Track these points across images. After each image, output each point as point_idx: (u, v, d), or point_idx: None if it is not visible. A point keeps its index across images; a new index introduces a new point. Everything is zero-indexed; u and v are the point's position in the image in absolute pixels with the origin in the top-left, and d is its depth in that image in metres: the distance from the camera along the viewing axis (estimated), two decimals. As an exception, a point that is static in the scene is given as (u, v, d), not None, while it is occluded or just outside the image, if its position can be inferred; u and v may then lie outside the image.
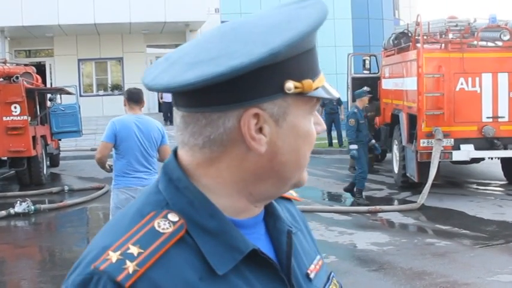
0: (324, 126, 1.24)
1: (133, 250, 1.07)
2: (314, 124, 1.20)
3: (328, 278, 1.35)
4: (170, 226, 1.11)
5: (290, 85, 1.10)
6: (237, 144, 1.12)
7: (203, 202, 1.14)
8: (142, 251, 1.07)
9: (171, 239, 1.09)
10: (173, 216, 1.12)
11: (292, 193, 1.39)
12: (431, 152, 12.14)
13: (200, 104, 1.11)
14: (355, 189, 12.28)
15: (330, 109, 20.89)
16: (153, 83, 1.12)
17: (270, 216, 1.26)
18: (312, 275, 1.28)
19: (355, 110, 12.37)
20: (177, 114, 1.17)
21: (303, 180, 1.22)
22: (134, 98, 7.03)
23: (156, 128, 6.95)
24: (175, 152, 1.21)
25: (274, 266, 1.17)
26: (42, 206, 12.13)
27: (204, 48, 1.11)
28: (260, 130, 1.12)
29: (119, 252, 1.07)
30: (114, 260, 1.06)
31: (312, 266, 1.30)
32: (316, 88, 1.14)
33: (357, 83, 16.95)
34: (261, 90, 1.10)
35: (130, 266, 1.05)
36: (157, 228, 1.10)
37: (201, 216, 1.13)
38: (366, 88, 16.08)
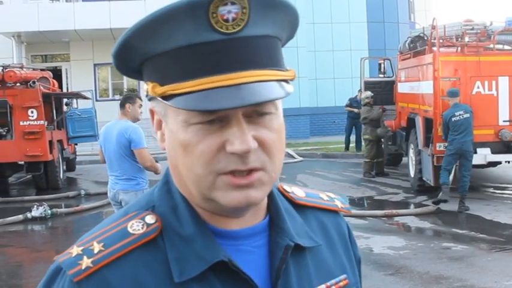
0: (236, 147, 1.02)
1: (95, 247, 1.07)
2: (226, 141, 1.04)
3: None
4: (142, 228, 1.09)
5: (145, 86, 1.10)
6: None
7: (185, 207, 1.12)
8: (103, 249, 1.07)
9: (139, 240, 1.08)
10: (151, 218, 1.11)
11: (337, 204, 1.32)
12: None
13: None
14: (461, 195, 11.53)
15: (354, 113, 20.57)
16: None
17: (273, 228, 1.17)
18: None
19: None
20: None
21: (218, 200, 1.07)
22: (120, 104, 7.41)
23: (121, 133, 7.07)
24: None
25: (248, 280, 1.09)
26: (59, 210, 12.21)
27: None
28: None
29: (81, 248, 1.08)
30: (74, 254, 1.07)
31: (323, 286, 1.19)
32: (174, 94, 1.03)
33: (371, 87, 16.93)
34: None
35: (85, 262, 1.05)
36: (128, 228, 1.09)
37: (179, 221, 1.10)
38: (369, 93, 16.09)
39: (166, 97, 1.04)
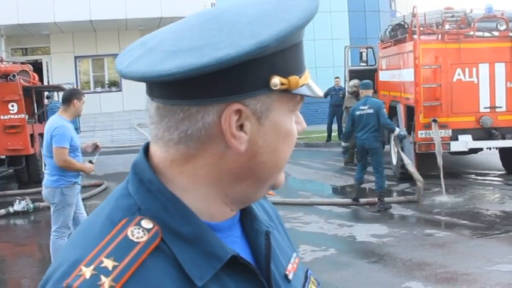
0: (305, 125, 1.17)
1: (108, 263, 0.98)
2: (295, 123, 1.13)
3: (306, 277, 1.29)
4: (144, 234, 1.02)
5: (276, 81, 1.02)
6: (215, 140, 1.04)
7: (177, 206, 1.06)
8: (117, 264, 0.98)
9: (147, 248, 1.00)
10: (147, 223, 1.03)
11: None
12: (429, 143, 12.18)
13: (178, 96, 1.03)
14: (378, 193, 11.15)
15: (335, 101, 20.66)
16: (128, 70, 1.03)
17: (246, 216, 1.19)
18: (290, 276, 1.22)
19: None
20: (151, 105, 1.08)
21: (279, 182, 1.15)
22: (64, 99, 7.24)
23: (47, 129, 7.05)
24: (145, 149, 1.12)
25: (254, 271, 1.10)
26: (41, 204, 12.11)
27: (185, 36, 1.03)
28: (241, 127, 1.04)
29: (92, 267, 0.97)
30: (87, 276, 0.96)
31: (290, 266, 1.24)
32: (302, 85, 1.08)
33: (354, 76, 16.97)
34: (246, 85, 1.02)
35: (106, 282, 0.96)
36: (130, 237, 1.01)
37: (176, 221, 1.05)
38: (356, 81, 16.06)
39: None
